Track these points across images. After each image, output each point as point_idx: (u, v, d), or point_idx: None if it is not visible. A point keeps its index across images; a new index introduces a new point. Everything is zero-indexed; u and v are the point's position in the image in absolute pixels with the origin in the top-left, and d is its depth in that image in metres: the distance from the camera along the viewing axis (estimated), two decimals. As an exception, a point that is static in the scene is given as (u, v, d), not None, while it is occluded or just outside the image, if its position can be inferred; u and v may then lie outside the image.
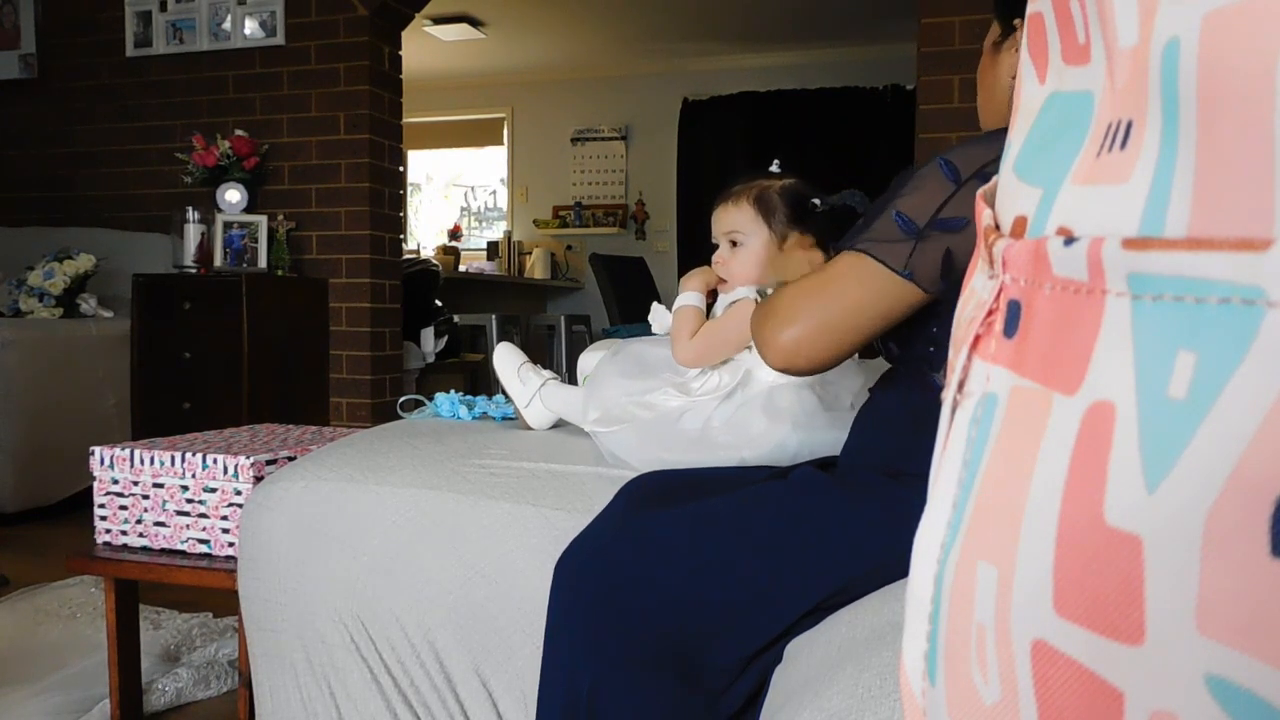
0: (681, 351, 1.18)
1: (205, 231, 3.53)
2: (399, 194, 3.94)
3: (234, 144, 3.61)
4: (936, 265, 0.85)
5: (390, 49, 3.79)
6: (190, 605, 2.11)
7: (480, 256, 6.74)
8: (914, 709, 0.29)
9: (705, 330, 1.18)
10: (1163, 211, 0.20)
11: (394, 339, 3.86)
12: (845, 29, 5.87)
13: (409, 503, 1.14)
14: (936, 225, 0.85)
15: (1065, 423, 0.22)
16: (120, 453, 1.48)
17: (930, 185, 0.87)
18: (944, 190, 0.86)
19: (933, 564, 0.27)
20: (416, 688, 1.10)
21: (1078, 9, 0.25)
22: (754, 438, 1.11)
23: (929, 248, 0.85)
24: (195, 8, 3.80)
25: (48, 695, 1.57)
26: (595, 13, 5.62)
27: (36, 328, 3.13)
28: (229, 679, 1.72)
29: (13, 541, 2.80)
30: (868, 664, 0.71)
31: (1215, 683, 0.17)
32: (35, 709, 1.53)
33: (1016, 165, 0.28)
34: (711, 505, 0.96)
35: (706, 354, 1.18)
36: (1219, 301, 0.18)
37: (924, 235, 0.85)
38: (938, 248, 0.85)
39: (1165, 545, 0.18)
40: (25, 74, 4.06)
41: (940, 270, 0.85)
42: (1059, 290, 0.23)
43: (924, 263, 0.85)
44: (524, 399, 1.41)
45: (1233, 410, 0.17)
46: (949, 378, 0.29)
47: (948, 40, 2.95)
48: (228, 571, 1.38)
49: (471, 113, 7.18)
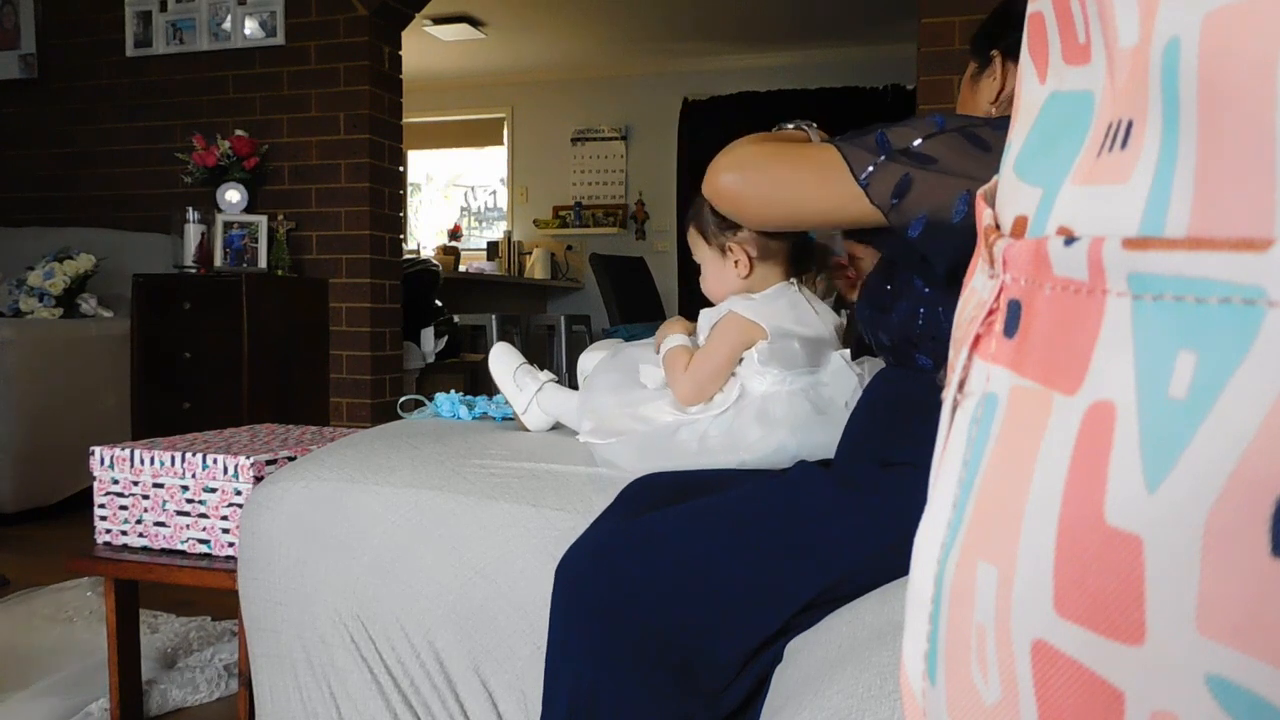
0: (680, 390, 1.16)
1: (205, 231, 3.53)
2: (399, 194, 3.94)
3: (234, 144, 3.61)
4: (890, 186, 0.89)
5: (390, 49, 3.79)
6: (187, 606, 2.11)
7: (480, 256, 6.74)
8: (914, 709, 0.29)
9: (695, 363, 1.17)
10: (1163, 211, 0.20)
11: (394, 339, 3.87)
12: (845, 29, 5.87)
13: (409, 503, 1.14)
14: (905, 153, 0.90)
15: (1065, 423, 0.21)
16: (120, 453, 1.48)
17: (918, 124, 0.92)
18: (927, 130, 0.91)
19: (933, 564, 0.27)
20: (416, 688, 1.10)
21: (1078, 9, 0.25)
22: (751, 444, 1.12)
23: (891, 168, 0.90)
24: (195, 8, 3.80)
25: (44, 699, 1.56)
26: (595, 13, 5.62)
27: (36, 328, 3.13)
28: (225, 683, 1.72)
29: (13, 541, 2.80)
30: (868, 664, 0.71)
31: (1215, 683, 0.17)
32: (32, 712, 1.53)
33: (1017, 165, 0.28)
34: (709, 502, 0.96)
35: (705, 384, 1.16)
36: (1219, 301, 0.18)
37: (893, 157, 0.90)
38: (898, 171, 0.89)
39: (1165, 545, 0.18)
40: (25, 74, 4.06)
41: (892, 191, 0.89)
42: (1059, 290, 0.23)
43: (880, 178, 0.90)
44: (521, 404, 1.40)
45: (1233, 410, 0.17)
46: (949, 377, 0.29)
47: (948, 40, 2.95)
48: (228, 571, 1.38)
49: (471, 113, 7.18)
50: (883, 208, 0.90)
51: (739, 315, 1.15)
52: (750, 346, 1.15)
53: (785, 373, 1.13)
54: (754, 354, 1.15)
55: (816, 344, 1.16)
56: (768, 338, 1.14)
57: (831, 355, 1.17)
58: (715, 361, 1.15)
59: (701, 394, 1.16)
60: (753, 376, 1.15)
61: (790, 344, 1.14)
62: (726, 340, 1.15)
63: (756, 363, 1.14)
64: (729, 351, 1.15)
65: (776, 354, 1.13)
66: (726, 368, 1.16)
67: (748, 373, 1.15)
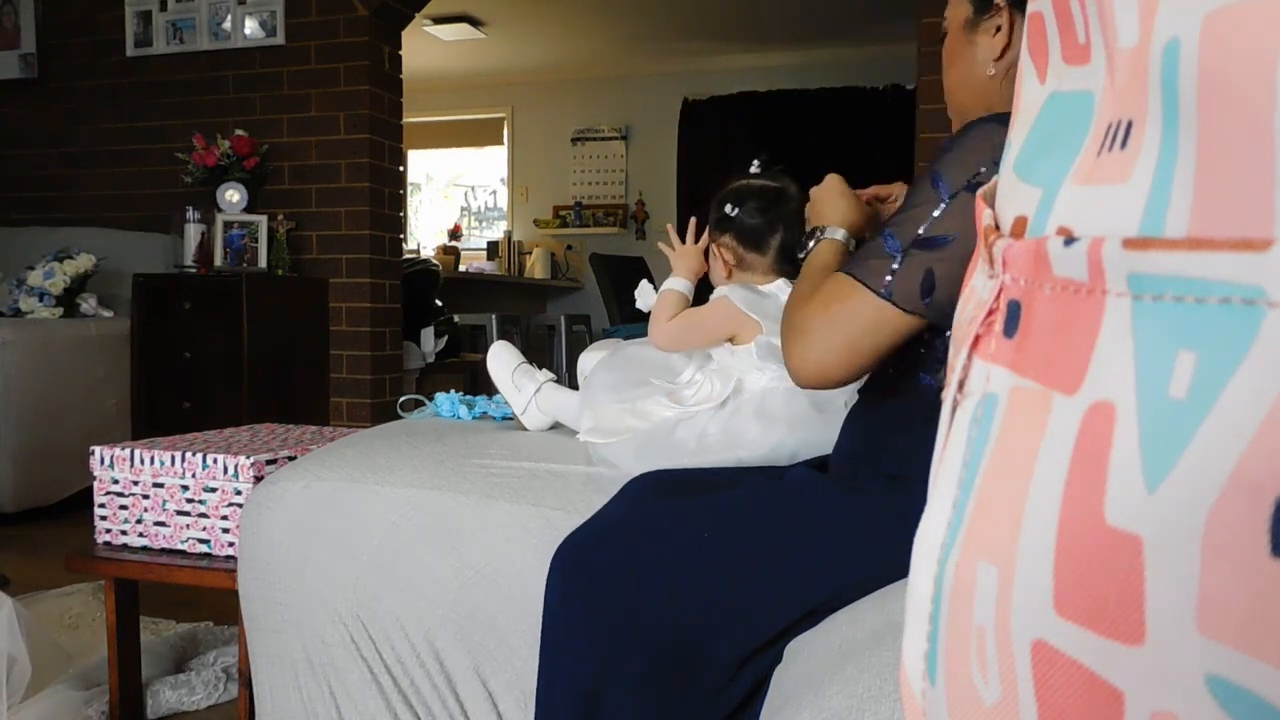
0: (657, 333, 1.22)
1: (205, 231, 3.53)
2: (399, 194, 3.94)
3: (234, 144, 3.61)
4: (915, 287, 0.84)
5: (390, 49, 3.79)
6: (187, 608, 2.11)
7: (480, 256, 6.74)
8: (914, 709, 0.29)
9: (683, 316, 1.22)
10: (1163, 211, 0.20)
11: (394, 339, 3.86)
12: (845, 29, 5.87)
13: (409, 503, 1.14)
14: (917, 244, 0.85)
15: (1065, 423, 0.21)
16: (120, 452, 1.48)
17: (919, 201, 0.87)
18: (931, 204, 0.85)
19: (933, 564, 0.27)
20: (416, 688, 1.10)
21: (1078, 9, 0.25)
22: (750, 442, 1.12)
23: (909, 267, 0.85)
24: (195, 8, 3.80)
25: (44, 700, 1.56)
26: (595, 13, 5.62)
27: (36, 328, 3.13)
28: (224, 686, 1.71)
29: (13, 541, 2.80)
30: (868, 664, 0.71)
31: (1215, 683, 0.17)
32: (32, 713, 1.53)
33: (1016, 165, 0.28)
34: (711, 501, 0.96)
35: (680, 339, 1.22)
36: (1219, 301, 0.18)
37: (908, 254, 0.85)
38: (917, 268, 0.84)
39: (1165, 545, 0.18)
40: (25, 74, 4.06)
41: (919, 292, 0.84)
42: (1059, 290, 0.23)
43: (903, 282, 0.85)
44: (520, 405, 1.40)
45: (1233, 410, 0.17)
46: (949, 377, 0.29)
47: (948, 40, 2.95)
48: (228, 571, 1.38)
49: (471, 113, 7.17)
50: (918, 311, 0.85)
51: (731, 303, 1.18)
52: (736, 336, 1.17)
53: (782, 368, 1.13)
54: (752, 349, 1.15)
55: None
56: (763, 332, 1.14)
57: None
58: (699, 326, 1.21)
59: (673, 345, 1.22)
60: (750, 372, 1.15)
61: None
62: (712, 317, 1.20)
63: (755, 358, 1.14)
64: (711, 329, 1.20)
65: (775, 350, 1.13)
66: (702, 339, 1.21)
67: (745, 368, 1.15)
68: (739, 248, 1.22)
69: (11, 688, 1.47)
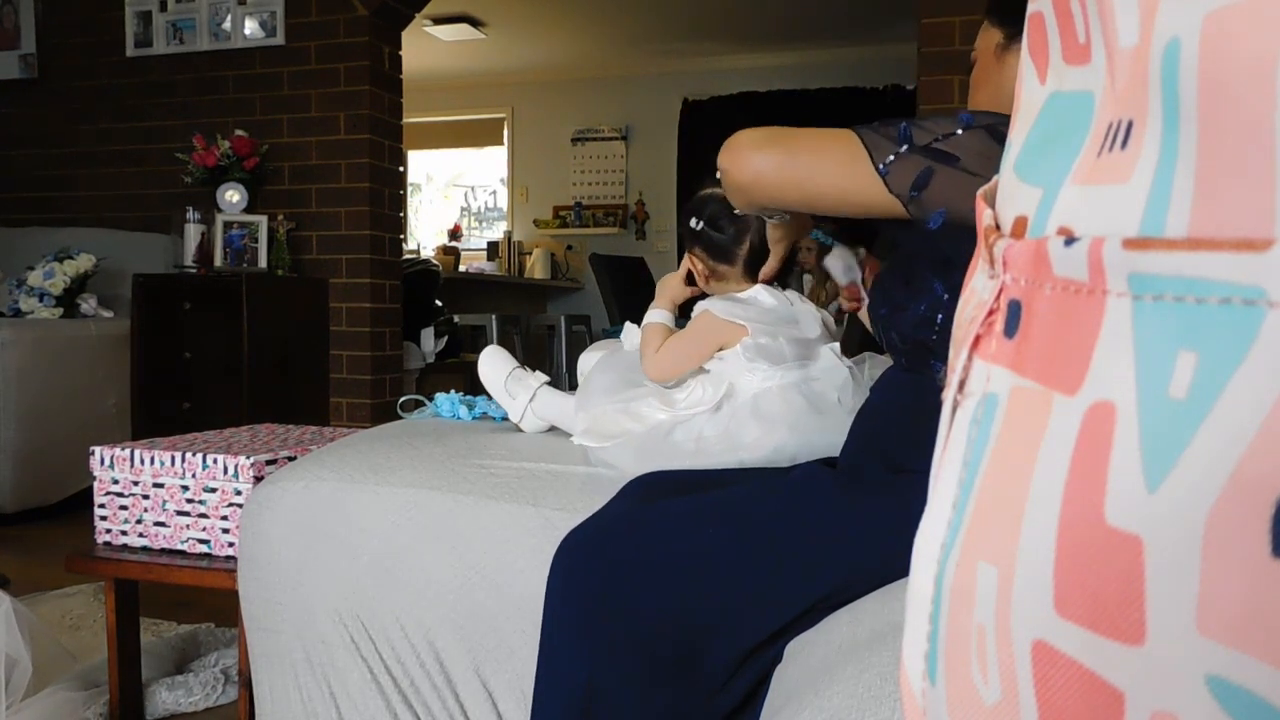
0: (648, 366, 1.21)
1: (205, 231, 3.53)
2: (399, 194, 3.94)
3: (234, 144, 3.61)
4: (910, 178, 0.89)
5: (390, 49, 3.79)
6: (187, 608, 2.11)
7: (480, 256, 6.74)
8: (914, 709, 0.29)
9: (669, 344, 1.21)
10: (1163, 211, 0.20)
11: (394, 339, 3.86)
12: (845, 29, 5.87)
13: (409, 503, 1.14)
14: (928, 149, 0.89)
15: (1066, 423, 0.21)
16: (120, 453, 1.48)
17: (944, 120, 0.92)
18: (953, 126, 0.90)
19: (933, 564, 0.27)
20: (416, 688, 1.10)
21: (1078, 9, 0.25)
22: (750, 443, 1.11)
23: (913, 159, 0.89)
24: (195, 8, 3.80)
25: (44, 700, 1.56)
26: (595, 13, 5.62)
27: (36, 328, 3.13)
28: (222, 688, 1.71)
29: (13, 541, 2.80)
30: (868, 664, 0.71)
31: (1216, 683, 0.17)
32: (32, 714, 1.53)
33: (1017, 165, 0.28)
34: (713, 498, 0.96)
35: (673, 366, 1.21)
36: (1219, 302, 0.18)
37: (915, 149, 0.89)
38: (919, 163, 0.89)
39: (1166, 545, 0.18)
40: (25, 74, 4.06)
41: (912, 183, 0.89)
42: (1059, 290, 0.23)
43: (901, 169, 0.89)
44: (516, 413, 1.40)
45: (1233, 410, 0.17)
46: (949, 378, 0.29)
47: (948, 40, 2.95)
48: (228, 571, 1.38)
49: (471, 113, 7.17)
50: (901, 198, 0.89)
51: (713, 315, 1.18)
52: (725, 345, 1.17)
53: (774, 368, 1.13)
54: (739, 351, 1.15)
55: (803, 338, 1.17)
56: (749, 334, 1.15)
57: (821, 350, 1.18)
58: (683, 351, 1.20)
59: (667, 375, 1.22)
60: (741, 374, 1.15)
61: (775, 339, 1.14)
62: (697, 335, 1.20)
63: (744, 359, 1.14)
64: (698, 346, 1.19)
65: (762, 350, 1.13)
66: (693, 359, 1.20)
67: (735, 370, 1.15)
68: (709, 260, 1.24)
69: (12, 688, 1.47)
